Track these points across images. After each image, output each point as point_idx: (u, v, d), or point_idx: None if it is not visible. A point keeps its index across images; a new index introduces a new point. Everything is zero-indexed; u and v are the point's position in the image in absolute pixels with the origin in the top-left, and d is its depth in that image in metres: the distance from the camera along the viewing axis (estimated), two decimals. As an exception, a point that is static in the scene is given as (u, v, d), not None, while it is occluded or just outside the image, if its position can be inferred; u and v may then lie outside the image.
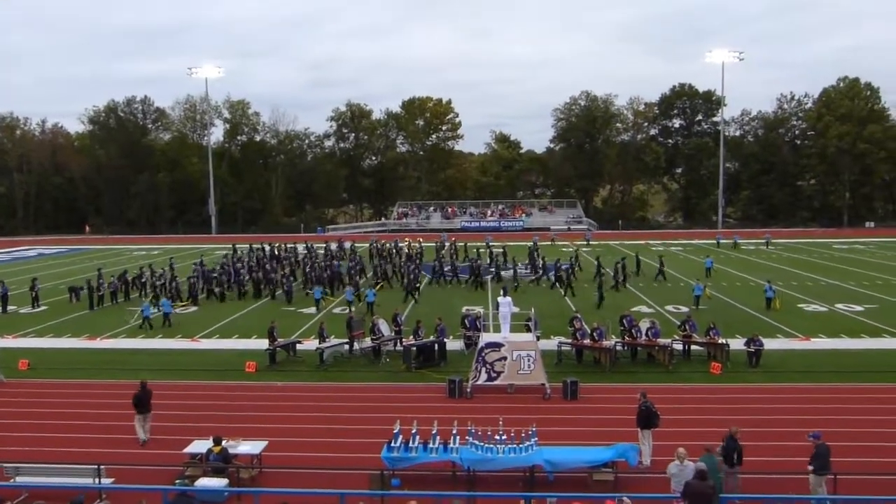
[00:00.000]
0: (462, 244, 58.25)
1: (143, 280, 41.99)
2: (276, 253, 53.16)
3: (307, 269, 44.87)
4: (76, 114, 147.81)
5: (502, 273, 45.73)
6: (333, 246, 57.51)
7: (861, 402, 20.75)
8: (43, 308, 38.09)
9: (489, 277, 44.86)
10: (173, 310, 34.52)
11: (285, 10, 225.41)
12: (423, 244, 58.57)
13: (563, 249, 59.66)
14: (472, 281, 42.95)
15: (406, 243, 58.85)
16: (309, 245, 56.05)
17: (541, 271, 45.45)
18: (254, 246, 56.20)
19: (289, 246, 56.86)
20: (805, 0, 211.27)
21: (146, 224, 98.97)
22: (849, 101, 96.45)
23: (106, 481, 15.00)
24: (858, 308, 34.93)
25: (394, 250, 54.36)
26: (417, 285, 40.83)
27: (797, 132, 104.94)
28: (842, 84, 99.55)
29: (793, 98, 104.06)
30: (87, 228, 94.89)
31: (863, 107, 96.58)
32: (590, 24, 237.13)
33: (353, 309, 34.08)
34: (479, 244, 59.49)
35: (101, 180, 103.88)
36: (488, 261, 48.77)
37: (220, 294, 40.33)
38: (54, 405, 21.43)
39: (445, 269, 45.44)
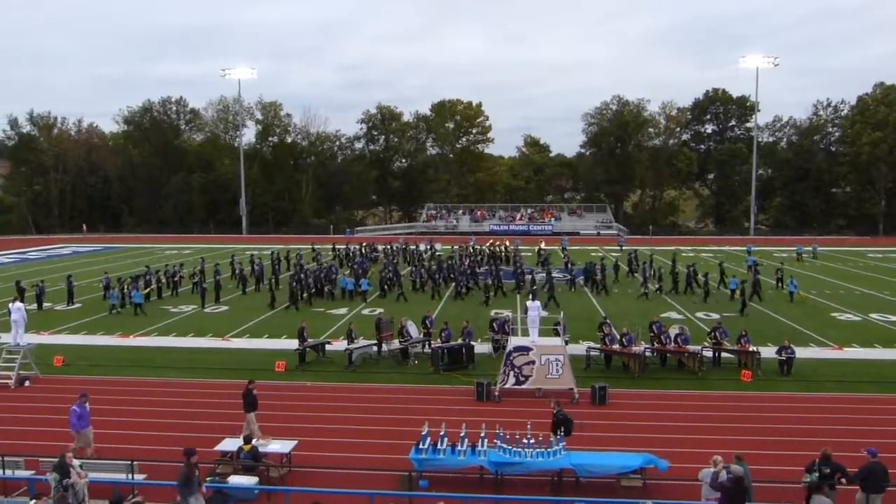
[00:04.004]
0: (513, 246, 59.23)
1: (177, 279, 42.77)
2: (364, 252, 56.14)
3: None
4: (111, 114, 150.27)
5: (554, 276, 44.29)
6: (423, 246, 60.16)
7: (896, 413, 20.38)
8: (77, 305, 38.80)
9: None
10: (143, 300, 36.94)
11: (319, 13, 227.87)
12: (508, 246, 59.35)
13: (593, 254, 59.43)
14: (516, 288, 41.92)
15: (489, 244, 60.34)
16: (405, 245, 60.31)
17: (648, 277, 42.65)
18: (336, 246, 60.24)
19: (371, 246, 59.94)
20: (841, 7, 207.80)
21: (179, 224, 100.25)
22: (885, 107, 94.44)
23: (139, 477, 15.24)
24: (894, 318, 34.30)
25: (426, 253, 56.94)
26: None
27: (832, 139, 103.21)
28: (878, 91, 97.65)
29: (829, 104, 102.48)
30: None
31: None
32: (621, 28, 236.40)
33: (381, 310, 34.28)
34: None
35: (135, 180, 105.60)
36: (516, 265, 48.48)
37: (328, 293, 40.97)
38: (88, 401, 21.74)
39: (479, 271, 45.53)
